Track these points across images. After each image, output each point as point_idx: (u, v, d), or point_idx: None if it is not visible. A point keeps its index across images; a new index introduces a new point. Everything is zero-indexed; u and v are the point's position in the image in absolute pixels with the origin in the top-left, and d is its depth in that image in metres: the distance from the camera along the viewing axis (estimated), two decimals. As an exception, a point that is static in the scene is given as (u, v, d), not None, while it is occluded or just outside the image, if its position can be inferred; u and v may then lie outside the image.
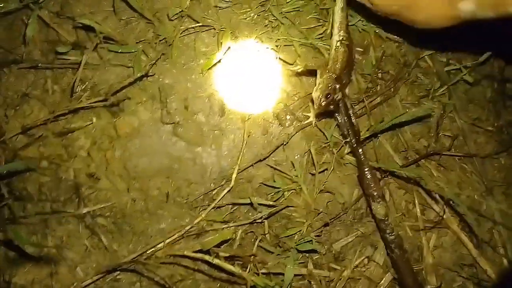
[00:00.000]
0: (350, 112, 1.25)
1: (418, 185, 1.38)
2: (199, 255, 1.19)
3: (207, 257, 1.17)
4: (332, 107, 1.22)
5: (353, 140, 1.27)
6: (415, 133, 1.41)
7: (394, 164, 1.37)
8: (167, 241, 1.21)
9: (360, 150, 1.28)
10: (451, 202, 1.36)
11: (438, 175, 1.39)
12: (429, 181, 1.36)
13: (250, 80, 1.35)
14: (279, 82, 1.36)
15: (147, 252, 1.21)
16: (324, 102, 1.18)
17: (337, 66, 1.22)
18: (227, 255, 1.19)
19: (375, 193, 1.25)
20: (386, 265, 1.32)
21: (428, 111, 1.35)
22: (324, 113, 1.30)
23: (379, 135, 1.37)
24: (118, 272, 1.26)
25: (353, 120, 1.27)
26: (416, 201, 1.36)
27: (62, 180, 1.24)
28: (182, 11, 1.30)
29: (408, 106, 1.42)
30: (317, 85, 1.21)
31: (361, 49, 1.40)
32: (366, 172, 1.26)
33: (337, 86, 1.18)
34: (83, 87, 1.26)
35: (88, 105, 1.22)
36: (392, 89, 1.41)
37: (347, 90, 1.30)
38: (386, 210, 1.25)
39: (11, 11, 1.27)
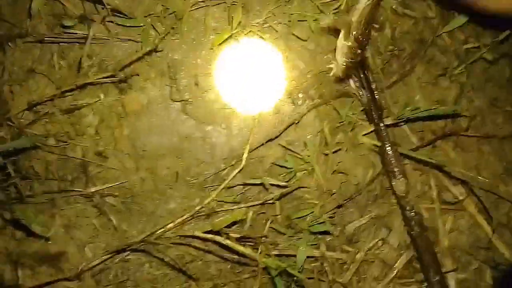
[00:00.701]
0: (373, 86, 1.22)
1: (435, 167, 1.35)
2: (209, 235, 1.17)
3: (217, 238, 1.14)
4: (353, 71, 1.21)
5: (375, 115, 1.24)
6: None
7: (410, 144, 1.34)
8: (177, 221, 1.18)
9: (382, 125, 1.25)
10: (468, 184, 1.33)
11: (455, 156, 1.35)
12: (446, 162, 1.33)
13: (261, 57, 1.31)
14: (291, 59, 1.31)
15: (157, 232, 1.18)
16: (346, 68, 1.15)
17: (362, 27, 1.13)
18: (238, 236, 1.16)
19: (396, 170, 1.23)
20: (401, 248, 1.29)
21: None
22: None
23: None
24: (128, 252, 1.24)
25: (376, 94, 1.24)
26: (432, 183, 1.33)
27: (70, 158, 1.21)
28: (193, -16, 1.25)
29: (424, 85, 1.37)
30: (340, 47, 1.16)
31: (377, 25, 1.35)
32: (388, 148, 1.24)
33: (359, 51, 1.13)
34: (90, 62, 1.22)
35: (95, 81, 1.19)
36: (408, 67, 1.37)
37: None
38: (407, 187, 1.24)
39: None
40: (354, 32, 1.14)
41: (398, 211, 1.31)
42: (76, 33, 1.22)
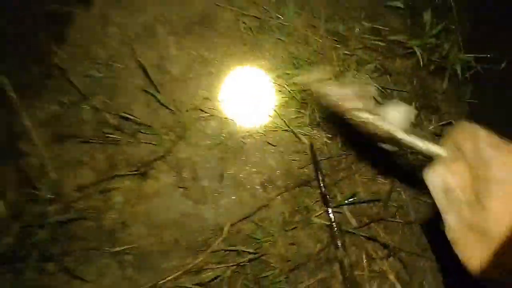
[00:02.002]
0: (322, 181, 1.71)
1: (371, 239, 1.81)
2: (197, 287, 1.65)
3: (202, 290, 1.62)
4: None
5: (325, 201, 1.74)
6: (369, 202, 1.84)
7: (350, 225, 1.81)
8: (174, 275, 1.67)
9: (330, 209, 1.73)
10: (391, 258, 1.79)
11: (384, 236, 1.81)
12: (378, 239, 1.80)
13: (243, 157, 1.80)
14: (265, 159, 1.80)
15: (160, 282, 1.66)
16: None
17: None
18: (217, 289, 1.64)
19: (339, 243, 1.70)
20: (338, 305, 1.75)
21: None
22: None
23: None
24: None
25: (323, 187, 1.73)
26: (364, 256, 1.79)
27: (102, 226, 1.71)
28: (196, 105, 1.77)
29: (365, 181, 1.85)
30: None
31: (329, 135, 1.84)
32: (334, 226, 1.72)
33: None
34: (122, 158, 1.73)
35: (124, 173, 1.70)
36: (353, 167, 1.84)
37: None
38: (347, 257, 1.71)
39: (75, 102, 1.75)
40: None
41: (337, 276, 1.77)
42: (113, 137, 1.74)
